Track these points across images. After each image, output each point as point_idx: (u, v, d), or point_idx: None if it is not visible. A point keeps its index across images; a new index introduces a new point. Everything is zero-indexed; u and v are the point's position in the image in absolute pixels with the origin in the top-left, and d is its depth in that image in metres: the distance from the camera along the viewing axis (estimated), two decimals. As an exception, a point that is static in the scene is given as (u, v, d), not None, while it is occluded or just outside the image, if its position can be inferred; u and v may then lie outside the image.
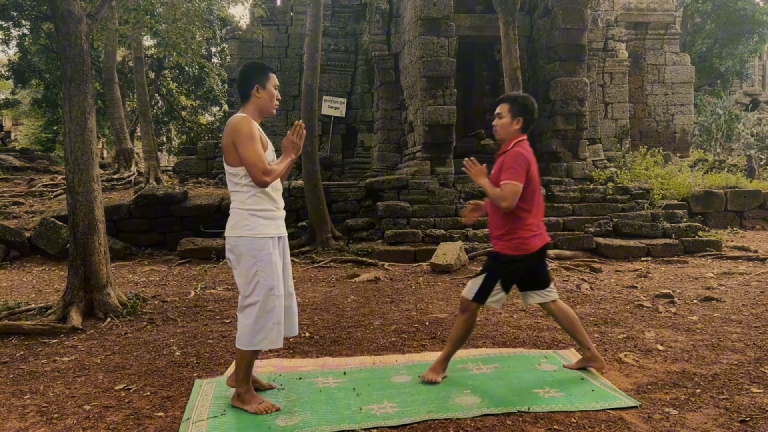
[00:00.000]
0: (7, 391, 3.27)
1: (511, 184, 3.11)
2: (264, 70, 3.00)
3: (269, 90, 2.97)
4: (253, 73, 2.97)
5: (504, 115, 3.26)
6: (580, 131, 11.02)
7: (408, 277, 7.10)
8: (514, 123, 3.23)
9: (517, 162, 3.14)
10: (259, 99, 2.96)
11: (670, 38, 14.91)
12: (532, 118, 3.28)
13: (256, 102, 2.96)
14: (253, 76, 2.96)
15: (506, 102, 3.29)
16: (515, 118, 3.23)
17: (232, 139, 2.84)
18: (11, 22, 15.42)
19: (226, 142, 2.88)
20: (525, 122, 3.24)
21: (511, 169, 3.13)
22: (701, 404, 2.87)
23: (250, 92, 2.95)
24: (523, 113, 3.23)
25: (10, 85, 20.84)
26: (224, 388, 3.18)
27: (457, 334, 3.27)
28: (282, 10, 14.80)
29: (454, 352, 3.32)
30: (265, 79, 2.96)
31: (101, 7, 5.56)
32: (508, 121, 3.24)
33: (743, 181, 11.77)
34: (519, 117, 3.23)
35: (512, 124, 3.24)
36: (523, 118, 3.23)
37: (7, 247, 8.97)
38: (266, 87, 2.96)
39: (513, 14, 7.85)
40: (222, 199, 10.22)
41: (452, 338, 3.29)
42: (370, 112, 14.18)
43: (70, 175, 5.15)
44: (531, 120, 3.27)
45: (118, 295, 5.27)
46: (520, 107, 3.24)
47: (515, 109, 3.24)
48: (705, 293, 5.58)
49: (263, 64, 3.11)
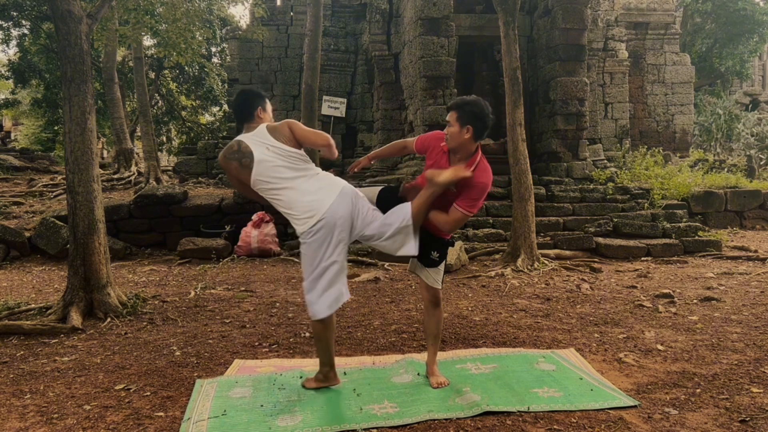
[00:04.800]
0: (7, 391, 3.27)
1: (465, 214, 2.98)
2: (263, 96, 3.21)
3: (269, 113, 3.19)
4: (255, 97, 3.17)
5: (453, 123, 2.97)
6: (580, 131, 11.02)
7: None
8: (463, 132, 2.93)
9: (482, 196, 3.02)
10: (263, 120, 3.13)
11: (670, 38, 14.91)
12: (484, 125, 2.97)
13: (260, 123, 3.11)
14: (256, 99, 3.15)
15: (454, 109, 2.99)
16: (464, 127, 2.93)
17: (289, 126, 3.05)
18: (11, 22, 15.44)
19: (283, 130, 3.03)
20: (476, 130, 2.94)
21: (475, 200, 2.97)
22: (701, 404, 2.87)
23: (254, 113, 3.12)
24: (472, 121, 2.93)
25: (10, 85, 20.83)
26: (225, 389, 3.19)
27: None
28: (282, 10, 14.81)
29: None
30: (265, 104, 3.18)
31: (101, 7, 5.56)
32: (456, 130, 2.95)
33: (743, 181, 11.77)
34: (468, 125, 2.93)
35: (462, 134, 2.94)
36: (473, 126, 2.93)
37: (7, 247, 8.97)
38: (266, 110, 3.18)
39: (513, 14, 7.84)
40: (222, 199, 10.21)
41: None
42: (370, 112, 14.19)
43: (70, 175, 5.14)
44: (483, 127, 2.97)
45: (118, 295, 5.26)
46: (468, 115, 2.94)
47: (463, 117, 2.94)
48: (705, 293, 5.58)
49: (260, 91, 3.31)
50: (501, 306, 5.29)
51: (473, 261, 8.03)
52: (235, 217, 9.61)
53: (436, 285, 3.24)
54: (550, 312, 5.03)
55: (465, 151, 3.01)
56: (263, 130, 3.04)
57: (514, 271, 7.18)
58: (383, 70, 12.97)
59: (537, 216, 8.36)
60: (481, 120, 2.96)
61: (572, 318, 4.80)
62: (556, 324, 4.61)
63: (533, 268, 7.29)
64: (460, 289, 6.22)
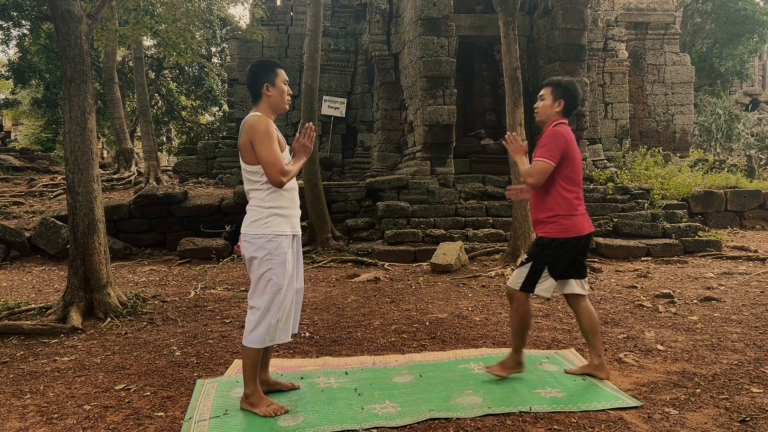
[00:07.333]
0: (7, 391, 3.27)
1: (543, 162, 3.13)
2: (271, 67, 2.96)
3: (279, 86, 2.94)
4: (261, 72, 2.94)
5: (546, 97, 3.29)
6: (580, 131, 11.02)
7: (408, 277, 7.10)
8: (555, 105, 3.25)
9: (554, 141, 3.15)
10: (270, 97, 2.93)
11: (670, 38, 14.91)
12: (575, 103, 3.30)
13: (268, 100, 2.93)
14: (262, 74, 2.93)
15: (550, 85, 3.32)
16: (557, 101, 3.25)
17: (250, 138, 2.83)
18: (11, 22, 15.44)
19: (244, 141, 2.86)
20: (566, 106, 3.26)
21: (546, 147, 3.15)
22: (701, 404, 2.87)
23: (261, 91, 2.92)
24: (566, 96, 3.25)
25: (10, 85, 20.83)
26: (226, 388, 3.19)
27: (514, 326, 3.28)
28: (282, 10, 14.81)
29: (522, 344, 3.28)
30: (273, 76, 2.93)
31: (101, 7, 5.56)
32: (549, 103, 3.27)
33: (743, 181, 11.77)
34: (560, 100, 3.25)
35: (553, 107, 3.26)
36: (565, 102, 3.25)
37: (7, 247, 8.97)
38: (276, 84, 2.93)
39: (513, 14, 7.84)
40: (222, 199, 10.21)
41: (512, 331, 3.31)
42: (370, 112, 14.18)
43: (70, 175, 5.14)
44: (573, 104, 3.29)
45: (118, 295, 5.26)
46: (563, 90, 3.26)
47: (558, 92, 3.26)
48: (705, 293, 5.58)
49: (270, 60, 3.07)
50: (501, 306, 5.29)
51: (473, 261, 8.03)
52: (235, 217, 9.60)
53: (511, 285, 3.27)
54: (550, 312, 5.03)
55: (550, 124, 3.29)
56: (246, 122, 2.87)
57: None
58: (383, 70, 12.97)
59: (537, 216, 8.35)
60: (573, 98, 3.28)
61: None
62: (556, 324, 4.61)
63: (533, 268, 7.28)
64: (460, 289, 6.22)
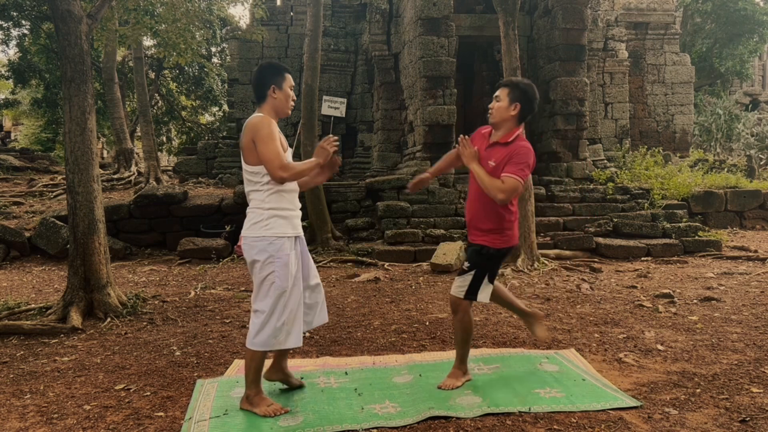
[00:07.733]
0: (7, 391, 3.27)
1: (515, 179, 2.99)
2: (280, 71, 2.96)
3: (285, 91, 2.94)
4: (269, 73, 2.93)
5: (502, 98, 3.14)
6: (580, 131, 11.03)
7: (408, 277, 7.10)
8: (510, 108, 3.10)
9: (528, 158, 3.06)
10: (275, 100, 2.92)
11: (670, 38, 14.91)
12: (531, 107, 3.15)
13: (273, 102, 2.93)
14: (270, 76, 2.92)
15: (507, 86, 3.18)
16: (513, 104, 3.10)
17: (252, 137, 2.81)
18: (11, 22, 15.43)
19: (246, 141, 2.85)
20: (522, 110, 3.11)
21: (518, 164, 3.03)
22: (701, 404, 2.87)
23: (266, 93, 2.91)
24: (522, 100, 3.10)
25: (10, 85, 20.82)
26: (226, 388, 3.19)
27: (458, 336, 3.22)
28: (282, 10, 14.80)
29: (465, 353, 3.24)
30: (281, 80, 2.93)
31: (101, 7, 5.56)
32: (504, 105, 3.11)
33: (743, 181, 11.76)
34: (516, 103, 3.10)
35: (508, 110, 3.10)
36: (521, 105, 3.10)
37: (7, 247, 8.97)
38: (282, 87, 2.93)
39: (513, 14, 7.84)
40: (222, 199, 10.21)
41: (456, 341, 3.25)
42: (370, 112, 14.18)
43: (70, 175, 5.14)
44: (529, 109, 3.14)
45: (118, 295, 5.26)
46: (520, 93, 3.11)
47: (515, 94, 3.11)
48: (705, 293, 5.58)
49: (279, 64, 3.05)
50: (501, 306, 5.28)
51: (473, 261, 8.02)
52: (235, 217, 9.60)
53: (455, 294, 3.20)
54: (550, 312, 5.03)
55: (506, 128, 3.15)
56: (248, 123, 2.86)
57: (514, 271, 7.19)
58: (383, 70, 12.97)
59: (537, 216, 8.36)
60: (529, 102, 3.13)
61: (572, 318, 4.80)
62: (556, 324, 4.61)
63: (533, 268, 7.29)
64: (460, 289, 6.21)
